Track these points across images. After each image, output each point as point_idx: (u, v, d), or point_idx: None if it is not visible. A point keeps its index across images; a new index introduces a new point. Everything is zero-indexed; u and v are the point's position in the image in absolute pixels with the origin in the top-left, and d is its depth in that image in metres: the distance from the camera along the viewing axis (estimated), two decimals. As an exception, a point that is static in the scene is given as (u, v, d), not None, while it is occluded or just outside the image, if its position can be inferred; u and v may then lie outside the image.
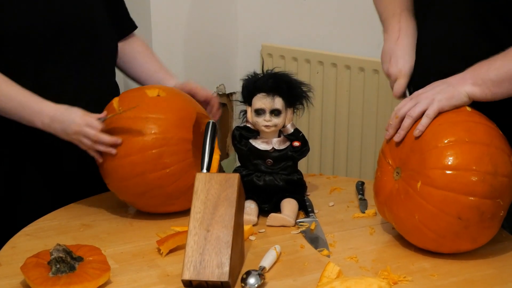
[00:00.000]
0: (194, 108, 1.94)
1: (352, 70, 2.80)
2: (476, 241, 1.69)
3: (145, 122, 1.85)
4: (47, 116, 1.84)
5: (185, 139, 1.87)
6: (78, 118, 1.82)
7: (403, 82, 1.91)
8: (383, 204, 1.77)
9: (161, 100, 1.91)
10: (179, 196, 1.89)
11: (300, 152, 1.93)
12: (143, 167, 1.84)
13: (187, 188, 1.86)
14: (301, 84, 1.93)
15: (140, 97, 1.91)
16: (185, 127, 1.88)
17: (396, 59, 1.92)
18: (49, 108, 1.84)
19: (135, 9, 2.76)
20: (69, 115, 1.83)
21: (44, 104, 1.85)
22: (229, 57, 3.08)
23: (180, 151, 1.86)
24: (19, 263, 1.61)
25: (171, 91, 1.98)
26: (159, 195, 1.88)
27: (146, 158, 1.84)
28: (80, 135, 1.82)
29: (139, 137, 1.84)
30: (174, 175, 1.86)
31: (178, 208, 1.93)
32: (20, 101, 1.85)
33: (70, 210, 1.98)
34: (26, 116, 1.86)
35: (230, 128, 3.17)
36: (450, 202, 1.63)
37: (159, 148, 1.84)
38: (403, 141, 1.74)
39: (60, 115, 1.83)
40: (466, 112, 1.73)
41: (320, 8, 2.89)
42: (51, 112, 1.84)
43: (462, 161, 1.64)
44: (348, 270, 1.65)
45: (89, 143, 1.83)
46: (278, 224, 1.87)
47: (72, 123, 1.82)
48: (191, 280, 1.57)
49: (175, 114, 1.88)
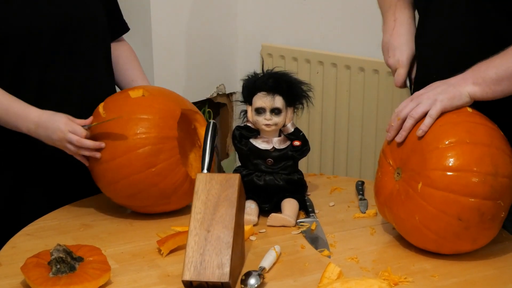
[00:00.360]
0: (179, 105, 1.94)
1: (352, 70, 2.80)
2: (476, 242, 1.69)
3: (127, 124, 1.86)
4: (32, 121, 1.85)
5: (169, 137, 1.88)
6: (62, 124, 1.83)
7: (402, 72, 1.94)
8: (384, 204, 1.77)
9: (143, 100, 1.92)
10: (171, 195, 1.89)
11: (301, 151, 1.93)
12: (130, 168, 1.85)
13: (178, 186, 1.88)
14: (301, 83, 1.93)
15: (123, 99, 1.93)
16: (169, 125, 1.88)
17: (394, 50, 1.95)
18: (34, 114, 1.86)
19: (135, 9, 2.76)
20: (54, 122, 1.84)
21: (29, 109, 1.86)
22: (229, 57, 3.08)
23: (165, 149, 1.86)
24: (19, 263, 1.61)
25: (155, 90, 1.99)
26: (150, 195, 1.88)
27: (131, 159, 1.84)
28: (64, 141, 1.83)
29: (122, 139, 1.85)
30: (161, 173, 1.86)
31: (173, 207, 1.93)
32: (5, 106, 1.86)
33: (70, 210, 1.98)
34: (11, 122, 1.87)
35: (230, 128, 3.17)
36: (450, 203, 1.63)
37: (143, 147, 1.85)
38: (404, 141, 1.74)
39: (45, 122, 1.84)
40: (467, 113, 1.73)
41: (320, 8, 2.89)
42: (36, 118, 1.85)
43: (463, 162, 1.63)
44: (349, 271, 1.65)
45: (73, 148, 1.84)
46: (279, 224, 1.87)
47: (56, 130, 1.83)
48: (191, 280, 1.57)
49: (157, 113, 1.88)
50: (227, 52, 3.06)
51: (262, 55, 3.02)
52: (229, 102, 3.15)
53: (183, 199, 1.92)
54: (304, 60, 2.90)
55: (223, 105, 3.16)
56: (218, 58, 3.04)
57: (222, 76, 3.07)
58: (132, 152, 1.85)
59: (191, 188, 1.88)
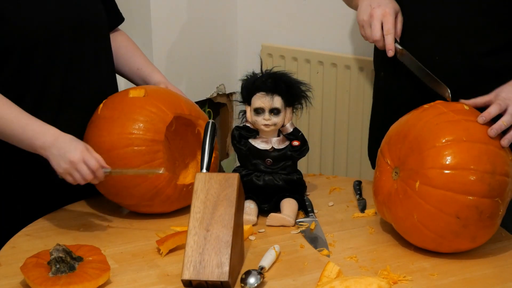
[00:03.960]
0: (174, 110, 1.92)
1: (352, 70, 2.80)
2: (475, 240, 1.69)
3: (115, 122, 1.87)
4: (50, 138, 1.79)
5: (155, 140, 1.87)
6: (78, 151, 1.77)
7: (390, 38, 1.88)
8: (382, 204, 1.77)
9: (138, 101, 1.91)
10: (153, 197, 1.89)
11: (300, 151, 1.93)
12: (113, 166, 1.84)
13: (159, 190, 1.88)
14: (300, 83, 1.93)
15: (121, 97, 1.94)
16: (156, 129, 1.88)
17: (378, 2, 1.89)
18: (52, 131, 1.80)
19: (135, 9, 2.76)
20: (70, 146, 1.78)
21: (47, 127, 1.81)
22: (229, 57, 3.08)
23: (148, 152, 1.86)
24: (19, 263, 1.61)
25: (157, 92, 1.98)
26: (133, 195, 1.89)
27: (112, 158, 1.85)
28: (73, 169, 1.77)
29: (107, 137, 1.86)
30: (141, 176, 1.86)
31: (156, 210, 1.93)
32: (22, 124, 1.80)
33: (70, 210, 1.99)
34: (26, 139, 1.80)
35: (230, 128, 3.17)
36: (448, 202, 1.63)
37: (124, 148, 1.85)
38: (402, 141, 1.74)
39: (63, 142, 1.78)
40: (464, 111, 1.73)
41: (320, 8, 2.89)
42: (53, 136, 1.79)
43: (460, 160, 1.64)
44: (348, 270, 1.65)
45: (79, 178, 1.78)
46: (278, 224, 1.88)
47: (69, 153, 1.76)
48: (191, 279, 1.57)
49: (147, 115, 1.88)
50: (227, 52, 3.06)
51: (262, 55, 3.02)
52: (229, 102, 3.15)
53: (167, 203, 1.92)
54: (304, 60, 2.90)
55: (223, 105, 3.16)
56: (218, 58, 3.04)
57: (222, 76, 3.07)
58: (115, 150, 1.85)
59: (176, 194, 1.89)
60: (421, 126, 1.71)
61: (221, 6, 3.00)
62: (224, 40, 3.04)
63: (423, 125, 1.71)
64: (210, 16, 2.97)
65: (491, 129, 1.68)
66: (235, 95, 3.13)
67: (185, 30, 2.88)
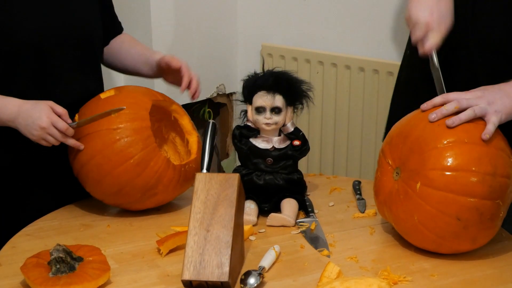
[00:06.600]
0: (150, 97, 1.96)
1: (352, 70, 2.80)
2: (475, 241, 1.69)
3: (99, 122, 1.88)
4: (14, 106, 1.83)
5: (142, 127, 1.89)
6: (44, 116, 1.81)
7: (437, 37, 1.84)
8: (383, 204, 1.77)
9: (113, 98, 1.94)
10: (157, 184, 1.90)
11: (300, 151, 1.93)
12: (109, 164, 1.86)
13: (161, 173, 1.89)
14: (301, 82, 1.93)
15: (95, 102, 1.95)
16: (140, 116, 1.90)
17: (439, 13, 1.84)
18: (14, 102, 1.84)
19: (135, 9, 2.76)
20: (35, 112, 1.81)
21: (8, 99, 1.85)
22: (229, 57, 3.08)
23: (140, 139, 1.88)
24: (19, 263, 1.61)
25: (125, 88, 2.02)
26: (135, 188, 1.89)
27: (108, 155, 1.86)
28: (45, 133, 1.82)
29: (96, 138, 1.87)
30: (141, 163, 1.87)
31: (162, 199, 1.94)
32: None
33: (70, 210, 1.99)
34: None
35: (230, 128, 3.17)
36: (449, 203, 1.63)
37: (118, 141, 1.86)
38: (403, 141, 1.74)
39: (26, 111, 1.82)
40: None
41: (320, 8, 2.89)
42: (16, 107, 1.83)
43: (461, 162, 1.64)
44: (348, 270, 1.65)
45: (53, 141, 1.83)
46: (278, 224, 1.87)
47: (38, 120, 1.81)
48: (191, 280, 1.57)
49: (128, 107, 1.90)
50: (227, 52, 3.06)
51: (262, 55, 3.02)
52: (229, 102, 3.15)
53: (170, 188, 1.93)
54: (304, 60, 2.90)
55: (223, 105, 3.16)
56: (218, 58, 3.04)
57: (222, 76, 3.07)
58: (108, 147, 1.86)
59: (176, 176, 1.91)
60: (423, 127, 1.71)
61: (221, 6, 3.00)
62: (224, 40, 3.04)
63: (425, 126, 1.70)
64: (210, 16, 2.97)
65: (483, 134, 1.67)
66: (235, 95, 3.13)
67: (185, 30, 2.88)
